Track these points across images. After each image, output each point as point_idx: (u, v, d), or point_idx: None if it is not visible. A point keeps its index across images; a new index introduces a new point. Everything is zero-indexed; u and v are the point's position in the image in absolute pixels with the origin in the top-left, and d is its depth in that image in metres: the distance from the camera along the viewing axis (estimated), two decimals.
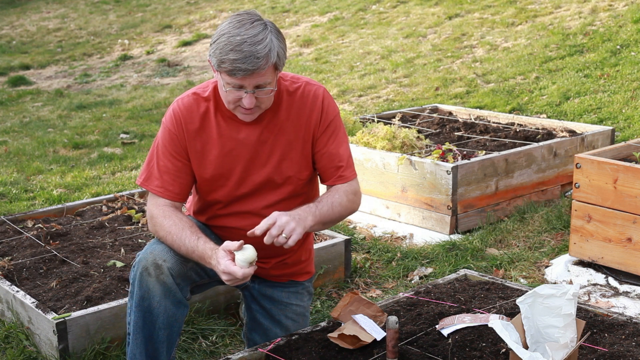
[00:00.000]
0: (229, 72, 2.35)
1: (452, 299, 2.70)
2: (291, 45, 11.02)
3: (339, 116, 2.65)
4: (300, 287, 2.83)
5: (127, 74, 11.20)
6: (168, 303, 2.48)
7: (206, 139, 2.56)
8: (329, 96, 2.63)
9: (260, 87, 2.40)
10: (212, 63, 2.43)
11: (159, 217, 2.52)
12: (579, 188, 3.84)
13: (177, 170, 2.57)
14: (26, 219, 4.31)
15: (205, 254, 2.39)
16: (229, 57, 2.33)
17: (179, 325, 2.56)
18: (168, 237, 2.48)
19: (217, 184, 2.60)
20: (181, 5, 14.91)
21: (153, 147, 2.62)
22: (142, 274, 2.46)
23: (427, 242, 4.41)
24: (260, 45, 2.33)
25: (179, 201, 2.60)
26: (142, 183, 2.61)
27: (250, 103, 2.40)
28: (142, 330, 2.49)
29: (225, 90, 2.41)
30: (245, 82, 2.37)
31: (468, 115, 6.09)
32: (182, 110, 2.56)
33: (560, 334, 2.05)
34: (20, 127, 8.23)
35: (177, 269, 2.48)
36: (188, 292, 2.58)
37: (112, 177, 6.12)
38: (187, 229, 2.46)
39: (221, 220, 2.67)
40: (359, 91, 8.48)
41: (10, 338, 3.26)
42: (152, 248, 2.50)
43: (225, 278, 2.32)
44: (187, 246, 2.43)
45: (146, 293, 2.46)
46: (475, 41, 9.43)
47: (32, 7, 16.91)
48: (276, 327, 2.79)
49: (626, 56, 7.78)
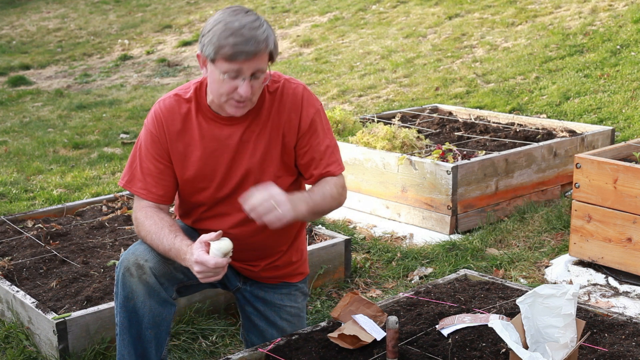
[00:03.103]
0: (228, 57, 2.32)
1: (452, 299, 2.70)
2: (291, 45, 11.02)
3: (319, 112, 2.60)
4: (293, 289, 2.80)
5: (127, 74, 11.20)
6: (153, 302, 2.47)
7: (188, 140, 2.54)
8: (309, 94, 2.59)
9: (255, 75, 2.38)
10: (204, 54, 2.38)
11: (140, 218, 2.52)
12: (579, 188, 3.84)
13: (159, 173, 2.55)
14: (26, 219, 4.31)
15: (181, 250, 2.36)
16: (228, 41, 2.31)
17: (167, 324, 2.54)
18: (148, 236, 2.47)
19: (200, 186, 2.57)
20: (181, 5, 14.91)
21: (135, 147, 2.60)
22: (124, 275, 2.45)
23: (427, 242, 4.41)
24: (259, 30, 2.34)
25: (164, 203, 2.57)
26: (125, 185, 2.59)
27: (247, 91, 2.37)
28: (129, 331, 2.49)
29: (222, 78, 2.37)
30: (245, 67, 2.34)
31: (468, 115, 6.09)
32: (164, 112, 2.54)
33: (560, 334, 2.05)
34: (20, 127, 8.23)
35: (160, 269, 2.47)
36: (174, 292, 2.56)
37: (112, 177, 6.12)
38: (166, 227, 2.45)
39: (206, 222, 2.65)
40: (359, 91, 8.48)
41: (10, 338, 3.26)
42: (135, 249, 2.50)
43: (197, 269, 2.28)
44: (164, 244, 2.42)
45: (130, 293, 2.45)
46: (475, 41, 9.43)
47: (32, 7, 16.92)
48: (272, 329, 2.77)
49: (626, 56, 7.78)
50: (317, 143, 2.58)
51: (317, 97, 2.65)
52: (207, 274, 2.30)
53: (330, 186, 2.56)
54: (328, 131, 2.63)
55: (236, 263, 2.66)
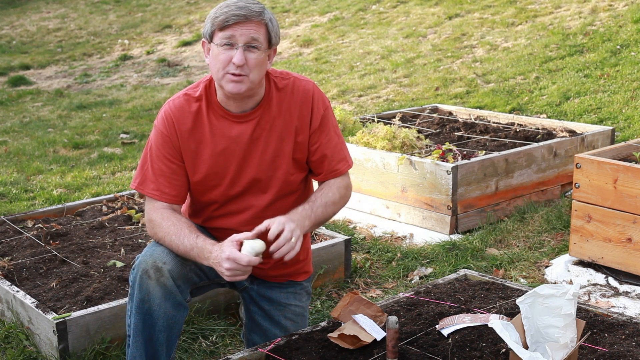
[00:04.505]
0: (221, 23, 2.39)
1: (452, 299, 2.70)
2: (291, 45, 11.02)
3: (329, 110, 2.64)
4: (299, 287, 2.83)
5: (127, 74, 11.20)
6: (168, 305, 2.47)
7: (199, 138, 2.55)
8: (319, 90, 2.62)
9: (250, 45, 2.41)
10: (205, 34, 2.47)
11: (157, 220, 2.51)
12: (579, 188, 3.84)
13: (171, 173, 2.55)
14: (26, 219, 4.31)
15: (205, 249, 2.37)
16: (223, 10, 2.41)
17: (179, 327, 2.55)
18: (167, 237, 2.47)
19: (212, 184, 2.59)
20: (181, 5, 14.91)
21: (146, 149, 2.60)
22: (142, 277, 2.45)
23: (427, 242, 4.41)
24: (256, 5, 2.44)
25: (177, 203, 2.58)
26: (137, 187, 2.59)
27: (240, 59, 2.39)
28: (142, 333, 2.49)
29: (218, 52, 2.42)
30: (237, 33, 2.39)
31: (468, 115, 6.09)
32: (174, 112, 2.55)
33: (560, 334, 2.05)
34: (20, 127, 8.23)
35: (177, 271, 2.48)
36: (188, 294, 2.57)
37: (112, 177, 6.12)
38: (185, 228, 2.46)
39: (217, 221, 2.66)
40: (359, 91, 8.48)
41: (10, 338, 3.26)
42: (152, 250, 2.49)
43: (228, 266, 2.28)
44: (185, 245, 2.42)
45: (146, 296, 2.45)
46: (475, 41, 9.42)
47: (32, 7, 16.91)
48: (275, 328, 2.78)
49: (626, 56, 7.78)
50: (328, 140, 2.61)
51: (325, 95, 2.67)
52: (236, 271, 2.30)
53: (332, 191, 2.58)
54: (336, 128, 2.66)
55: None
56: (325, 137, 2.60)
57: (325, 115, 2.60)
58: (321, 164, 2.62)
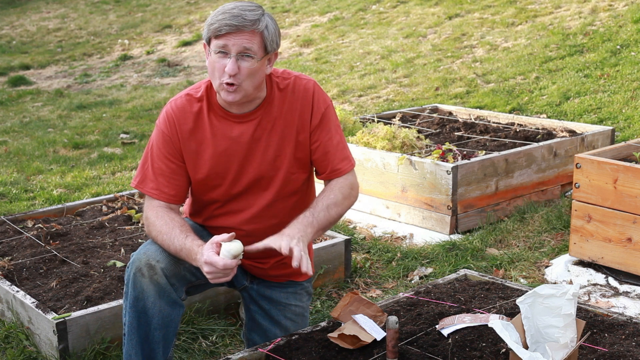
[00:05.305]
0: (216, 31, 2.39)
1: (452, 299, 2.70)
2: (291, 45, 11.02)
3: (330, 108, 2.63)
4: (299, 288, 2.83)
5: (127, 74, 11.20)
6: (162, 303, 2.48)
7: (200, 138, 2.55)
8: (320, 89, 2.62)
9: (243, 54, 2.40)
10: (204, 38, 2.47)
11: (151, 218, 2.53)
12: (579, 188, 3.84)
13: (171, 172, 2.56)
14: (26, 219, 4.31)
15: (192, 250, 2.38)
16: (218, 18, 2.40)
17: (175, 325, 2.55)
18: (159, 236, 2.48)
19: (213, 183, 2.59)
20: (181, 5, 14.91)
21: (147, 149, 2.62)
22: (135, 275, 2.46)
23: (427, 242, 4.41)
24: (251, 13, 2.41)
25: (175, 203, 2.58)
26: (137, 185, 2.60)
27: (232, 69, 2.39)
28: (137, 331, 2.49)
29: (214, 59, 2.42)
30: (230, 42, 2.38)
31: (468, 115, 6.09)
32: (175, 112, 2.56)
33: (560, 334, 2.05)
34: (20, 127, 8.23)
35: (171, 269, 2.48)
36: (183, 293, 2.57)
37: (112, 177, 6.12)
38: (177, 228, 2.46)
39: (218, 220, 2.66)
40: (359, 91, 8.48)
41: (10, 338, 3.26)
42: (146, 249, 2.50)
43: (207, 269, 2.29)
44: (175, 245, 2.43)
45: (140, 294, 2.46)
46: (475, 41, 9.42)
47: (32, 7, 16.92)
48: (275, 328, 2.78)
49: (626, 56, 7.78)
50: (329, 138, 2.60)
51: (326, 94, 2.67)
52: (217, 274, 2.31)
53: (334, 193, 2.57)
54: (338, 128, 2.65)
55: (245, 261, 2.65)
56: (326, 135, 2.59)
57: (325, 114, 2.60)
58: (323, 162, 2.61)
